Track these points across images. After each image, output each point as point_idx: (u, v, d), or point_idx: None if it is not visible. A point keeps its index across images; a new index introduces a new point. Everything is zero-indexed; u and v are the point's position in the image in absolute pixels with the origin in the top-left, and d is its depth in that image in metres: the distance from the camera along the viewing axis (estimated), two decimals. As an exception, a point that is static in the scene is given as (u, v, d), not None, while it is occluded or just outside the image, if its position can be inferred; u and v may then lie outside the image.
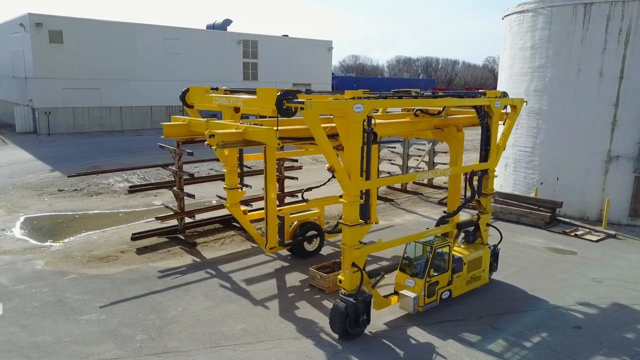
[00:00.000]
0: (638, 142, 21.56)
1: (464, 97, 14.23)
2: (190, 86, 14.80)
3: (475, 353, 11.62)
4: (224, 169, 16.48)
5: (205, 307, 13.85)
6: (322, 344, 11.96)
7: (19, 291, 14.70)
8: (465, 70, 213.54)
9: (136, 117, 53.75)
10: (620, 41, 21.26)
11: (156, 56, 53.87)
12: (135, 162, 35.15)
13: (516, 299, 14.61)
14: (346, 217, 11.73)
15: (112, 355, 11.42)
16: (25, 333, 12.33)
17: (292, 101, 10.50)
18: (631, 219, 22.15)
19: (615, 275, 16.51)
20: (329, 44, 68.87)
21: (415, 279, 13.17)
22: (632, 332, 12.78)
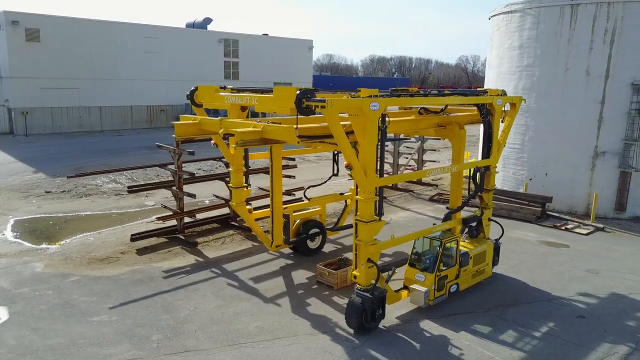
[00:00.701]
0: (623, 138, 22.36)
1: (469, 95, 14.56)
2: (198, 85, 14.74)
3: (488, 344, 11.95)
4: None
5: (217, 306, 13.86)
6: (339, 339, 12.12)
7: (23, 294, 14.43)
8: (438, 69, 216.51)
9: (116, 117, 52.90)
10: (605, 41, 22.01)
11: (136, 55, 53.13)
12: (122, 163, 34.73)
13: (519, 291, 15.04)
14: (362, 214, 11.91)
15: (130, 355, 11.36)
16: (37, 336, 12.14)
17: (312, 100, 10.61)
18: (617, 213, 22.96)
19: (609, 267, 17.13)
20: (309, 43, 69.02)
21: (425, 273, 13.44)
22: (634, 320, 13.32)
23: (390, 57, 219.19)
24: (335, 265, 15.82)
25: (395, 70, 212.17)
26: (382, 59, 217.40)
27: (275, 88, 11.60)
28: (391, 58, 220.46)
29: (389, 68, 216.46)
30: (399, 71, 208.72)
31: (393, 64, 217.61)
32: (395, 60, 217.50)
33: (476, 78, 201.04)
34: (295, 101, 10.73)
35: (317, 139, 11.59)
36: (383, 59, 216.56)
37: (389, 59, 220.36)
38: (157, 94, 54.95)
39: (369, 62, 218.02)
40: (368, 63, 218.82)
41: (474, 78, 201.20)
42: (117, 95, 52.21)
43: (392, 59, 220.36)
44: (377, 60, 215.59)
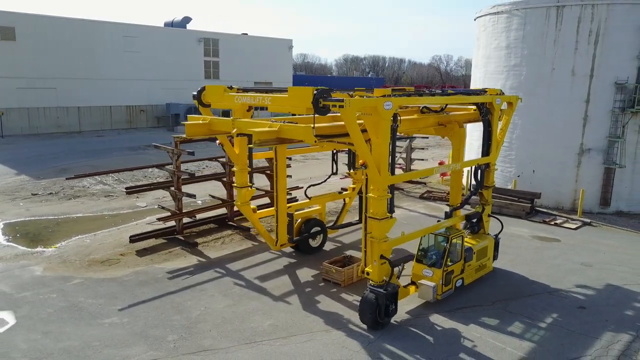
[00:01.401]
0: (607, 135, 23.19)
1: (471, 94, 14.93)
2: (206, 85, 14.71)
3: (498, 335, 12.32)
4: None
5: (227, 305, 13.90)
6: (354, 334, 12.32)
7: (26, 298, 14.19)
8: (411, 68, 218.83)
9: (95, 118, 51.95)
10: (590, 42, 22.78)
11: (115, 54, 52.27)
12: (107, 164, 34.17)
13: (520, 285, 15.51)
14: (374, 211, 12.14)
15: (148, 356, 11.33)
16: (49, 340, 11.99)
17: (329, 99, 10.78)
18: (601, 208, 23.80)
19: (600, 259, 17.78)
20: (289, 42, 69.02)
21: (433, 269, 13.75)
22: (631, 309, 13.91)
23: (364, 57, 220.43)
24: (340, 263, 16.02)
25: (369, 70, 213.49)
26: (356, 58, 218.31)
27: (289, 88, 11.73)
28: (365, 58, 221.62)
29: (363, 68, 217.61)
30: (372, 71, 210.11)
31: (366, 64, 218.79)
32: (368, 59, 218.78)
33: (449, 77, 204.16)
34: (312, 101, 10.88)
35: (333, 138, 11.75)
36: (357, 59, 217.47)
37: (362, 58, 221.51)
38: (137, 94, 54.17)
39: (342, 61, 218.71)
40: (342, 63, 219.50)
41: (448, 77, 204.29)
42: (96, 95, 51.27)
43: (366, 58, 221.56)
44: (351, 59, 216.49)
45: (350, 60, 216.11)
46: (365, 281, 15.36)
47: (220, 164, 21.53)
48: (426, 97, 13.17)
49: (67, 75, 49.21)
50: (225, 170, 20.86)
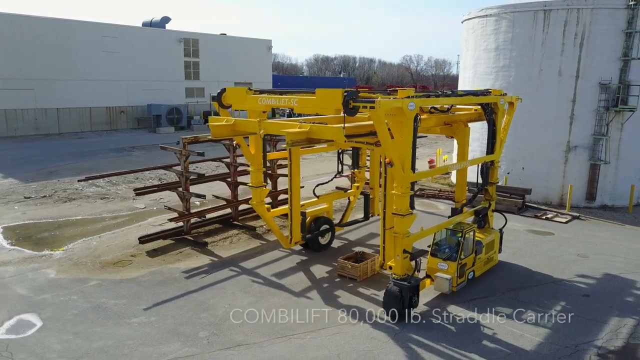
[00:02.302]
0: (592, 133, 24.38)
1: (479, 95, 15.62)
2: (227, 87, 14.98)
3: (515, 323, 13.04)
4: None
5: (250, 302, 14.22)
6: (379, 326, 12.83)
7: (46, 301, 14.20)
8: (382, 68, 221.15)
9: (74, 119, 51.02)
10: (576, 44, 23.91)
11: (94, 55, 51.44)
12: (96, 166, 33.94)
13: (525, 276, 16.31)
14: (398, 208, 12.68)
15: (184, 353, 11.59)
16: (81, 340, 12.10)
17: (360, 101, 11.26)
18: (587, 202, 24.99)
19: (594, 251, 18.78)
20: (268, 42, 69.14)
21: (448, 262, 14.38)
22: (631, 296, 14.86)
23: (335, 57, 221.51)
24: (353, 259, 16.49)
25: (339, 70, 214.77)
26: (327, 58, 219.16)
27: (317, 90, 12.16)
28: (335, 57, 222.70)
29: (334, 67, 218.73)
30: (343, 70, 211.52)
31: (337, 64, 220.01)
32: (339, 59, 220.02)
33: (420, 77, 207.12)
34: (342, 102, 11.34)
35: (359, 137, 12.23)
36: (327, 59, 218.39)
37: (333, 58, 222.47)
38: (117, 95, 53.42)
39: (313, 61, 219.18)
40: (313, 62, 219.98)
41: (418, 77, 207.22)
42: (75, 96, 50.33)
43: (336, 58, 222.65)
44: (322, 59, 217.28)
45: (321, 60, 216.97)
46: (379, 276, 16.02)
47: (224, 164, 21.68)
48: (442, 98, 13.79)
49: (45, 76, 48.21)
50: (229, 170, 21.06)
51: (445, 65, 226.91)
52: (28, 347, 11.73)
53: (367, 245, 19.05)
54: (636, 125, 24.20)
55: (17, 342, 11.95)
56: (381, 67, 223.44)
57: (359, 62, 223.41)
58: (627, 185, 24.59)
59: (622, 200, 24.88)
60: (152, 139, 48.07)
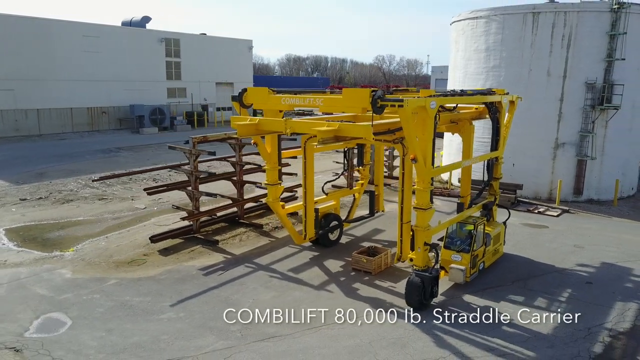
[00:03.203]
0: (579, 130, 25.55)
1: (486, 94, 16.35)
2: (248, 87, 15.29)
3: (529, 309, 13.77)
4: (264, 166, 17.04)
5: (273, 297, 14.60)
6: (402, 315, 13.38)
7: (69, 300, 14.28)
8: (354, 68, 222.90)
9: (55, 120, 50.07)
10: (563, 45, 25.02)
11: (75, 54, 50.55)
12: (86, 167, 33.70)
13: (529, 266, 17.13)
14: (420, 202, 13.28)
15: (221, 345, 11.91)
16: (116, 336, 12.28)
17: (389, 100, 11.79)
18: (575, 196, 26.17)
19: (589, 242, 19.79)
20: (249, 43, 69.12)
21: (462, 254, 15.06)
22: (630, 282, 15.84)
23: (307, 57, 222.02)
24: (366, 253, 17.02)
25: (312, 70, 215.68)
26: (299, 58, 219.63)
27: (344, 90, 12.65)
28: (307, 57, 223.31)
29: (306, 67, 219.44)
30: (315, 70, 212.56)
31: (309, 63, 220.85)
32: (311, 59, 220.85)
33: (392, 77, 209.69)
34: (371, 101, 11.86)
35: (384, 135, 12.76)
36: (299, 58, 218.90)
37: (305, 58, 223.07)
38: (98, 95, 52.63)
39: (285, 61, 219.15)
40: (285, 62, 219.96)
41: (391, 77, 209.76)
42: (55, 96, 49.38)
43: (308, 58, 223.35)
44: (294, 59, 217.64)
45: (292, 60, 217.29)
46: (393, 269, 16.61)
47: (231, 164, 21.93)
48: (457, 97, 14.46)
49: (25, 77, 47.20)
50: (235, 169, 21.33)
51: (417, 65, 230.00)
52: (63, 345, 11.86)
53: (374, 241, 19.61)
54: (619, 123, 25.50)
55: (51, 340, 12.05)
56: (353, 67, 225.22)
57: (330, 62, 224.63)
58: (611, 180, 25.86)
59: (606, 194, 26.14)
60: (136, 140, 47.67)
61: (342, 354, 11.59)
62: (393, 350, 11.69)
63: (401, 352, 11.61)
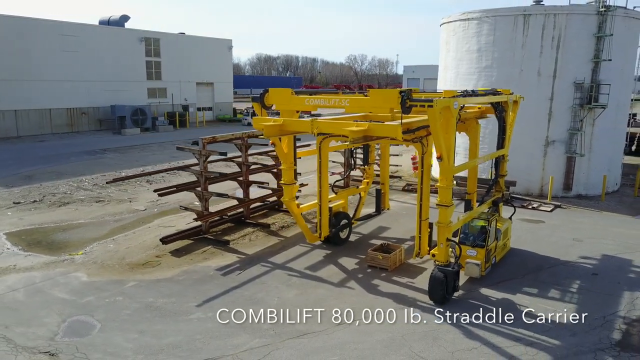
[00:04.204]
0: (568, 129, 26.53)
1: (497, 94, 16.89)
2: (270, 88, 15.42)
3: (546, 301, 14.39)
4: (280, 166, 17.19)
5: (297, 294, 14.81)
6: (427, 309, 13.79)
7: (92, 303, 14.18)
8: (325, 68, 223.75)
9: (34, 122, 48.87)
10: (553, 46, 25.93)
11: (53, 54, 49.47)
12: (73, 169, 33.19)
13: (535, 260, 17.79)
14: (442, 199, 13.71)
15: (257, 343, 12.07)
16: (149, 337, 12.31)
17: (416, 100, 12.17)
18: (564, 192, 27.16)
19: (586, 235, 20.64)
20: (229, 42, 68.78)
21: (477, 248, 15.58)
22: (632, 273, 16.66)
23: (277, 56, 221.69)
24: (380, 250, 17.38)
25: (282, 69, 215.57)
26: (269, 57, 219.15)
27: (371, 90, 12.97)
28: (278, 57, 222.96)
29: (277, 66, 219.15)
30: (286, 70, 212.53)
31: (280, 63, 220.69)
32: (282, 59, 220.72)
33: (365, 76, 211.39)
34: (400, 101, 12.21)
35: (407, 133, 13.12)
36: (270, 58, 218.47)
37: (275, 57, 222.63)
38: (78, 96, 51.57)
39: (256, 60, 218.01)
40: (255, 62, 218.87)
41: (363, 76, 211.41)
42: (33, 97, 48.18)
43: (279, 57, 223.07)
44: (264, 59, 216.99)
45: (263, 60, 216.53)
46: (407, 265, 17.03)
47: (236, 164, 21.97)
48: (473, 97, 14.95)
49: (2, 77, 45.92)
50: (241, 169, 21.39)
51: (388, 65, 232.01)
52: (99, 347, 11.82)
53: (382, 238, 19.99)
54: (605, 121, 26.58)
55: (85, 343, 11.99)
56: (324, 67, 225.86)
57: (301, 62, 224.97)
58: (598, 176, 26.95)
59: (594, 189, 27.22)
60: (119, 141, 46.96)
61: (377, 348, 11.90)
62: (426, 343, 12.07)
63: (434, 345, 12.00)
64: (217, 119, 67.52)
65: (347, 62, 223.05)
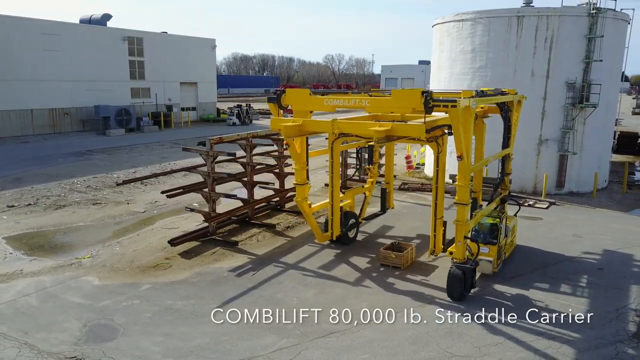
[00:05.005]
0: (561, 127, 27.20)
1: (505, 94, 17.25)
2: (287, 89, 15.40)
3: (558, 295, 14.77)
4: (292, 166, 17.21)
5: (315, 294, 14.87)
6: (447, 306, 14.02)
7: (110, 307, 13.99)
8: (302, 67, 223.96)
9: (15, 123, 47.63)
10: (546, 47, 26.55)
11: (34, 53, 48.26)
12: (63, 171, 32.59)
13: (541, 256, 18.22)
14: (461, 198, 13.96)
15: (285, 343, 12.10)
16: (176, 340, 12.22)
17: (439, 100, 12.37)
18: (557, 189, 27.84)
19: (585, 231, 21.21)
20: (212, 42, 68.19)
21: (489, 245, 15.88)
22: (636, 267, 17.22)
23: (254, 56, 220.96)
24: (391, 248, 17.55)
25: (259, 69, 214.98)
26: (245, 57, 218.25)
27: (393, 90, 13.11)
28: (254, 56, 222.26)
29: (253, 66, 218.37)
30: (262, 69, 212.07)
31: (256, 62, 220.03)
32: (258, 58, 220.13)
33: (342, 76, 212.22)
34: (424, 102, 12.39)
35: (429, 132, 13.32)
36: (246, 57, 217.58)
37: (252, 57, 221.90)
38: (60, 96, 50.44)
39: (232, 60, 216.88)
40: (231, 61, 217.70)
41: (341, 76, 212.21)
42: (14, 97, 46.94)
43: (255, 57, 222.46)
44: (240, 58, 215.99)
45: (239, 59, 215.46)
46: (418, 263, 17.26)
47: (240, 164, 21.88)
48: (487, 98, 15.25)
49: (-19, 77, 44.70)
50: (245, 170, 21.32)
51: (365, 65, 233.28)
52: (126, 351, 11.68)
53: (388, 236, 20.20)
54: (596, 120, 27.35)
55: (111, 348, 11.83)
56: (301, 67, 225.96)
57: (278, 61, 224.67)
58: (589, 173, 27.70)
59: (585, 186, 27.97)
60: (105, 142, 46.16)
61: (405, 345, 12.06)
62: (452, 339, 12.28)
63: (460, 340, 12.22)
64: (201, 119, 66.89)
65: (325, 61, 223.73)
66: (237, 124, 61.94)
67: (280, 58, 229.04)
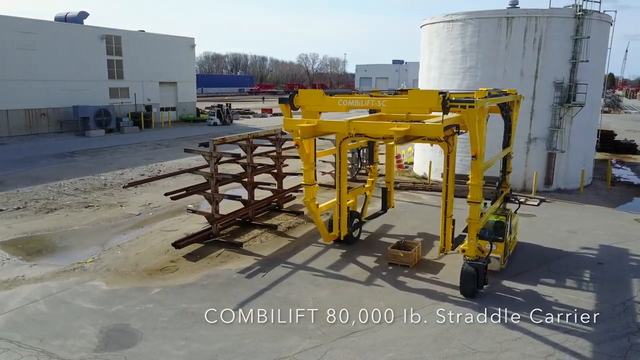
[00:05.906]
0: (549, 126, 27.89)
1: (507, 95, 17.61)
2: (299, 89, 15.35)
3: (565, 290, 15.18)
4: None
5: (329, 294, 14.91)
6: (459, 303, 14.25)
7: (124, 312, 13.75)
8: (275, 66, 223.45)
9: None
10: (534, 48, 27.17)
11: (8, 52, 46.82)
12: (48, 174, 31.82)
13: (542, 251, 18.67)
14: (473, 196, 14.21)
15: (309, 344, 12.11)
16: (198, 344, 12.10)
17: (459, 101, 12.57)
18: (546, 187, 28.53)
19: (578, 227, 21.81)
20: (191, 41, 67.37)
21: (496, 243, 16.19)
22: (633, 261, 17.81)
23: (226, 54, 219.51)
24: (398, 247, 17.72)
25: (232, 68, 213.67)
26: (217, 56, 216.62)
27: (410, 91, 13.26)
28: (226, 55, 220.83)
29: (225, 65, 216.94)
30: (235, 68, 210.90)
31: (228, 61, 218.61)
32: (230, 57, 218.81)
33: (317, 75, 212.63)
34: (442, 102, 12.58)
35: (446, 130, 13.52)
36: (218, 56, 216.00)
37: (224, 56, 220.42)
38: (36, 96, 49.06)
39: (204, 59, 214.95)
40: (203, 60, 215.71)
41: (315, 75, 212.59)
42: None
43: (227, 56, 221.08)
44: (212, 57, 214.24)
45: (211, 58, 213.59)
46: (425, 261, 17.48)
47: (240, 165, 21.73)
48: (495, 98, 15.55)
49: (-46, 76, 43.14)
50: (246, 171, 21.20)
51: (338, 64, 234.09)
52: (149, 357, 11.52)
53: (390, 235, 20.39)
54: (582, 119, 28.11)
55: (134, 354, 11.64)
56: (274, 66, 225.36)
57: (250, 60, 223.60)
58: (576, 171, 28.48)
59: (572, 183, 28.74)
60: (85, 143, 45.16)
61: (427, 342, 12.22)
62: (472, 335, 12.50)
63: (481, 337, 12.45)
64: (181, 119, 66.05)
65: (299, 61, 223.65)
66: (217, 124, 61.39)
67: (252, 57, 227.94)
